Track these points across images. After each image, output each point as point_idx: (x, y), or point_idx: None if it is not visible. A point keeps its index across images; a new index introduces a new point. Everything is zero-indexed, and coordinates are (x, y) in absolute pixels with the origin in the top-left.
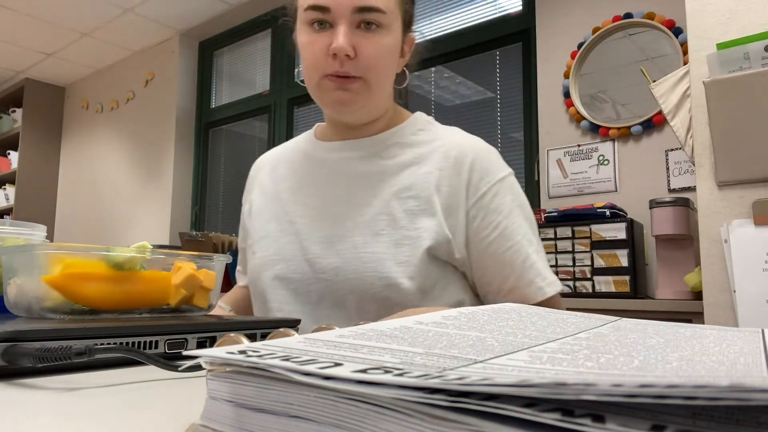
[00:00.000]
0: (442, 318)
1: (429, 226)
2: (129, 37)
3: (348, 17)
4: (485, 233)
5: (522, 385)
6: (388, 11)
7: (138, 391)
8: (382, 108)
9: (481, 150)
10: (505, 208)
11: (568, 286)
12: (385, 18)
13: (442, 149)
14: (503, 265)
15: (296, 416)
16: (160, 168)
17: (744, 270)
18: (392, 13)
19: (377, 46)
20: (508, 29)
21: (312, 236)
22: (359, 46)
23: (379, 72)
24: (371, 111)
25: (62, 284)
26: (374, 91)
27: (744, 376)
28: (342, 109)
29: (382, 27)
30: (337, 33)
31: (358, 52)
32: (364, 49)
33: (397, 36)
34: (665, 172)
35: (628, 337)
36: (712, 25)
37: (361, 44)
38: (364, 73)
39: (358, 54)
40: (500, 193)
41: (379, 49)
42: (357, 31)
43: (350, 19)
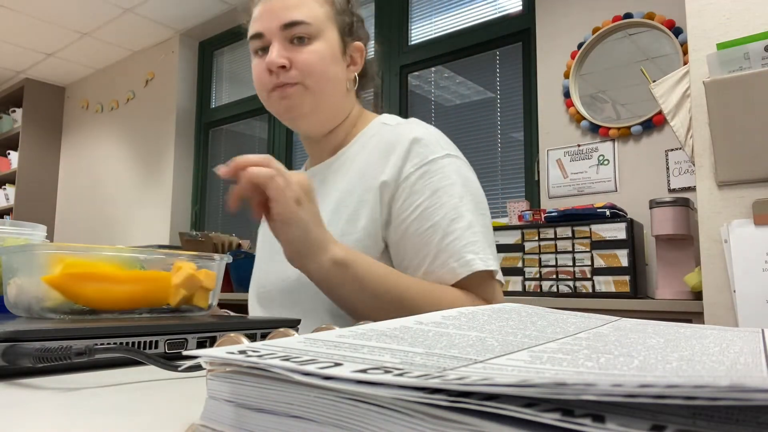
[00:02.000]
0: (442, 318)
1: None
2: (129, 37)
3: (278, 36)
4: (404, 215)
5: (522, 385)
6: (314, 22)
7: (138, 391)
8: (336, 115)
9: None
10: (428, 189)
11: (568, 286)
12: (312, 28)
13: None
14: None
15: (296, 416)
16: (160, 168)
17: (744, 270)
18: (320, 23)
19: (309, 53)
20: (508, 29)
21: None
22: (293, 58)
23: (315, 75)
24: (321, 116)
25: (62, 284)
26: (316, 95)
27: (744, 376)
28: (289, 115)
29: (312, 37)
30: (270, 51)
31: (293, 62)
32: (298, 58)
33: (332, 43)
34: (665, 172)
35: (628, 337)
36: (712, 25)
37: (294, 56)
38: (300, 78)
39: (293, 64)
40: (426, 175)
41: (311, 55)
42: (291, 46)
43: (281, 37)
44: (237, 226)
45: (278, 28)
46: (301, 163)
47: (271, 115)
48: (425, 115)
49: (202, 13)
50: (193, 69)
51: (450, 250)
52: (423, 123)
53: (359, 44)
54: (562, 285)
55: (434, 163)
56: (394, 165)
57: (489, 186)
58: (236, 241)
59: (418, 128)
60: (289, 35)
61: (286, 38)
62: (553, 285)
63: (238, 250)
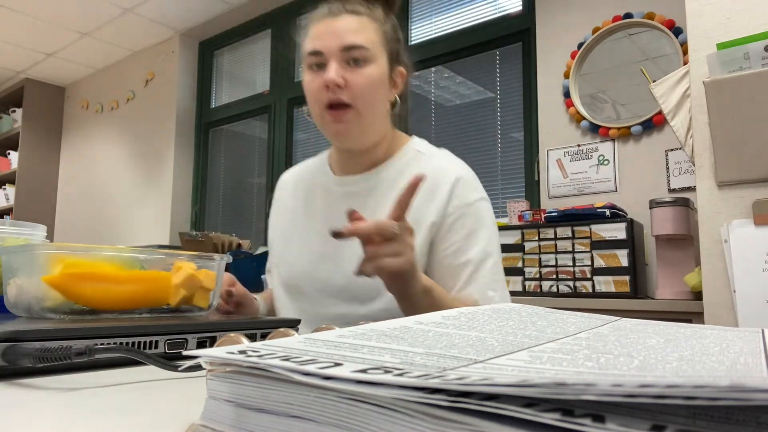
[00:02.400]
0: (442, 318)
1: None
2: (129, 37)
3: (337, 56)
4: (442, 247)
5: (522, 385)
6: (371, 47)
7: (138, 391)
8: (378, 134)
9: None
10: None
11: (568, 286)
12: (369, 53)
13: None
14: (452, 276)
15: (296, 416)
16: (160, 168)
17: (744, 270)
18: (375, 48)
19: (364, 76)
20: (508, 29)
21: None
22: (348, 78)
23: (367, 98)
24: (367, 138)
25: (62, 284)
26: (366, 118)
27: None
28: (341, 139)
29: (367, 61)
30: (329, 69)
31: (348, 82)
32: (353, 80)
33: (382, 68)
34: (665, 172)
35: (628, 337)
36: (712, 25)
37: (349, 77)
38: (355, 100)
39: (348, 84)
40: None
41: (366, 78)
42: (347, 67)
43: (339, 57)
44: (237, 226)
45: (338, 48)
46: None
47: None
48: (425, 115)
49: (202, 13)
50: (193, 69)
51: (476, 285)
52: (455, 158)
53: (402, 69)
54: (562, 285)
55: (471, 207)
56: (439, 205)
57: (489, 186)
58: (236, 241)
59: (457, 168)
60: (346, 56)
61: (344, 59)
62: (553, 285)
63: (238, 250)
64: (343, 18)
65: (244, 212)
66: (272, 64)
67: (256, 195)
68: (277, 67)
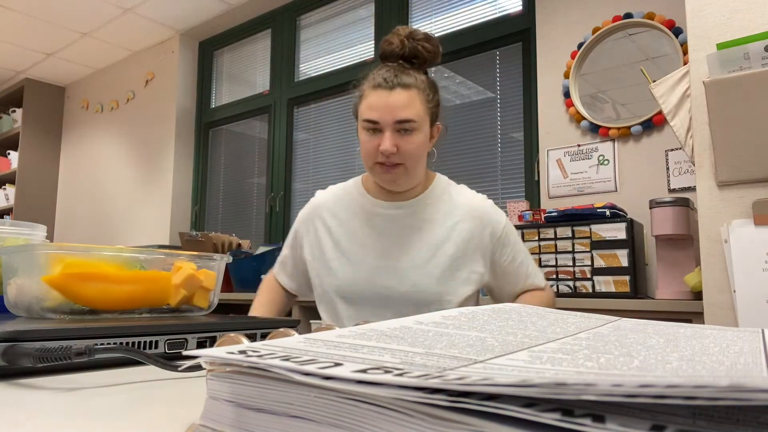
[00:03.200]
0: (442, 318)
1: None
2: (129, 37)
3: (391, 126)
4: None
5: (522, 385)
6: (419, 119)
7: (138, 391)
8: (419, 180)
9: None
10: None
11: (568, 286)
12: (416, 124)
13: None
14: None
15: (296, 416)
16: (160, 168)
17: (744, 270)
18: (422, 119)
19: (412, 143)
20: (508, 29)
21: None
22: (400, 145)
23: (414, 160)
24: (411, 184)
25: (62, 284)
26: (411, 173)
27: (744, 376)
28: (391, 186)
29: (415, 130)
30: (384, 138)
31: (399, 149)
32: (404, 147)
33: (426, 133)
34: (665, 172)
35: (628, 337)
36: (712, 25)
37: (400, 143)
38: (404, 160)
39: (399, 150)
40: (504, 236)
41: (413, 145)
42: (398, 135)
43: (392, 128)
44: (237, 226)
45: (392, 121)
46: (300, 164)
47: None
48: None
49: (202, 13)
50: (193, 69)
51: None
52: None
53: (439, 125)
54: (562, 285)
55: (505, 228)
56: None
57: (489, 186)
58: (236, 241)
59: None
60: (398, 127)
61: (396, 129)
62: (553, 285)
63: (238, 250)
64: (396, 93)
65: (244, 212)
66: (272, 64)
67: (256, 195)
68: (276, 67)
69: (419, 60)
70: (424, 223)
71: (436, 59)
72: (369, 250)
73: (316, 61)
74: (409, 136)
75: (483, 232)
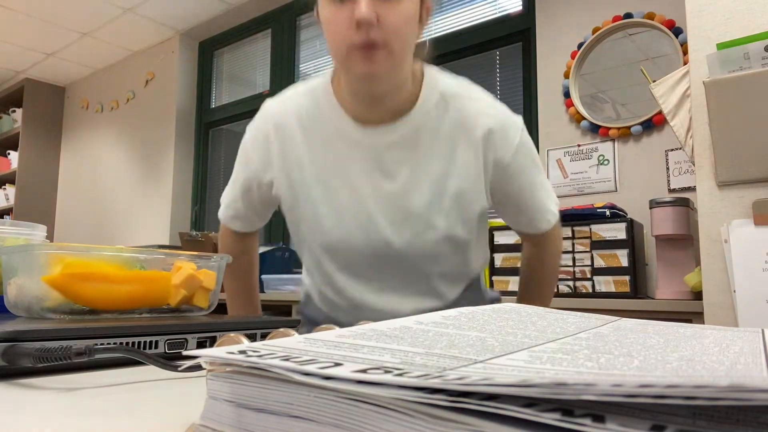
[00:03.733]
0: (442, 318)
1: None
2: (129, 37)
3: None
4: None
5: (522, 385)
6: None
7: (138, 391)
8: (405, 76)
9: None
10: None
11: (568, 286)
12: None
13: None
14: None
15: (296, 416)
16: (160, 168)
17: (744, 270)
18: None
19: (398, 12)
20: (508, 29)
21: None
22: (381, 14)
23: (401, 38)
24: (396, 80)
25: (62, 284)
26: (398, 60)
27: (744, 376)
28: (370, 81)
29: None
30: (359, 2)
31: (381, 19)
32: (387, 17)
33: (415, 2)
34: (665, 172)
35: (628, 337)
36: (712, 25)
37: (382, 12)
38: (388, 39)
39: (381, 21)
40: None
41: (400, 15)
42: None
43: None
44: None
45: None
46: None
47: None
48: None
49: (202, 13)
50: (193, 69)
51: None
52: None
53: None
54: (562, 285)
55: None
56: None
57: None
58: None
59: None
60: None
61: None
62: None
63: None
64: None
65: None
66: (272, 64)
67: None
68: (277, 67)
69: None
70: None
71: None
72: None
73: (316, 61)
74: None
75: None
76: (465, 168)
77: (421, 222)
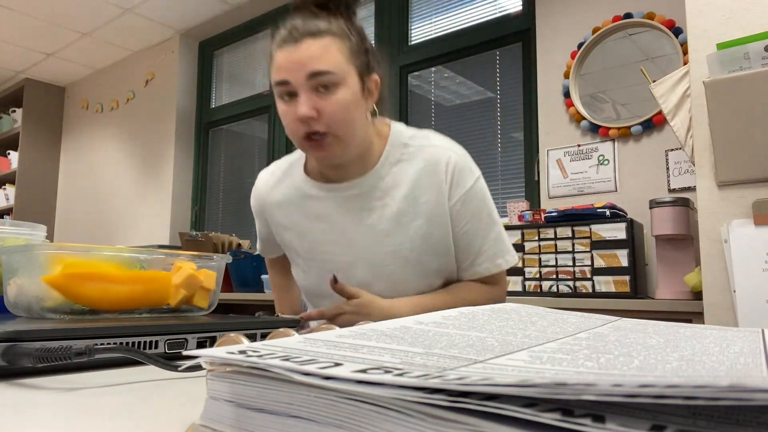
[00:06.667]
0: (442, 318)
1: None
2: (129, 37)
3: (305, 84)
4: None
5: (522, 385)
6: (338, 71)
7: (138, 391)
8: (360, 146)
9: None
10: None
11: (568, 286)
12: (336, 76)
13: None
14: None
15: (296, 416)
16: (160, 168)
17: (744, 270)
18: (342, 70)
19: (336, 103)
20: (508, 29)
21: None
22: (321, 108)
23: (343, 124)
24: (350, 153)
25: (62, 284)
26: (346, 140)
27: (744, 376)
28: (326, 161)
29: (337, 85)
30: (299, 102)
31: (321, 112)
32: (326, 109)
33: (354, 87)
34: (665, 172)
35: (628, 337)
36: (712, 25)
37: (321, 105)
38: (330, 128)
39: (321, 114)
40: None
41: (338, 104)
42: (317, 95)
43: (307, 86)
44: (237, 226)
45: (304, 78)
46: None
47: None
48: (425, 115)
49: (202, 13)
50: (193, 69)
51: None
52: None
53: (375, 78)
54: (562, 285)
55: (470, 191)
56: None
57: (489, 186)
58: (236, 241)
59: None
60: (314, 84)
61: (312, 87)
62: (553, 285)
63: (238, 250)
64: (305, 43)
65: (244, 212)
66: None
67: None
68: None
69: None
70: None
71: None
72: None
73: None
74: (330, 94)
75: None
76: (429, 207)
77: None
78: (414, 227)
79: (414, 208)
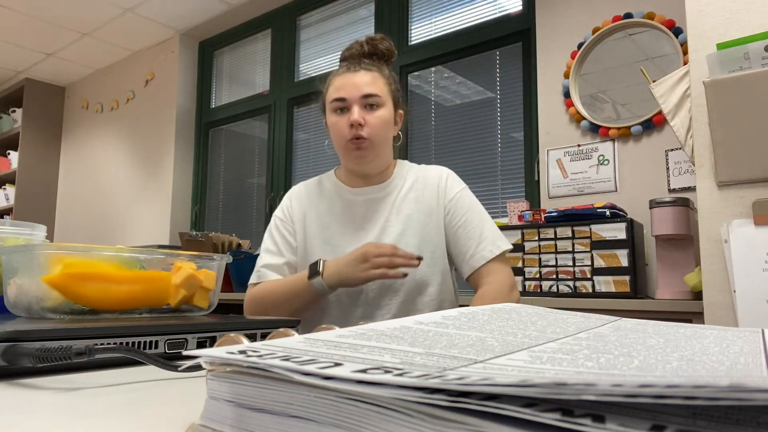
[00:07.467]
0: (442, 318)
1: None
2: (129, 37)
3: (358, 102)
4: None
5: (522, 385)
6: (382, 95)
7: (138, 391)
8: (386, 162)
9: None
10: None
11: (568, 286)
12: (381, 99)
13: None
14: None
15: (296, 416)
16: (160, 168)
17: (744, 270)
18: (385, 96)
19: (378, 117)
20: (508, 29)
21: None
22: (367, 119)
23: (379, 133)
24: (379, 164)
25: (62, 284)
26: (378, 148)
27: (744, 376)
28: (360, 162)
29: (379, 105)
30: (353, 112)
31: (366, 122)
32: (371, 121)
33: (390, 110)
34: (665, 172)
35: (628, 337)
36: (712, 25)
37: (368, 117)
38: (371, 134)
39: (366, 123)
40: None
41: (379, 119)
42: (364, 110)
43: (360, 103)
44: (237, 226)
45: (359, 97)
46: (300, 164)
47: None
48: (425, 115)
49: (202, 13)
50: (193, 69)
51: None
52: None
53: (401, 112)
54: (562, 285)
55: (462, 192)
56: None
57: (489, 186)
58: (236, 241)
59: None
60: (364, 102)
61: (362, 104)
62: (553, 285)
63: (238, 250)
64: (360, 73)
65: (244, 212)
66: (272, 64)
67: (256, 195)
68: (276, 67)
69: (378, 56)
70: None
71: (392, 57)
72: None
73: (316, 61)
74: (375, 111)
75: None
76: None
77: None
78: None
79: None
